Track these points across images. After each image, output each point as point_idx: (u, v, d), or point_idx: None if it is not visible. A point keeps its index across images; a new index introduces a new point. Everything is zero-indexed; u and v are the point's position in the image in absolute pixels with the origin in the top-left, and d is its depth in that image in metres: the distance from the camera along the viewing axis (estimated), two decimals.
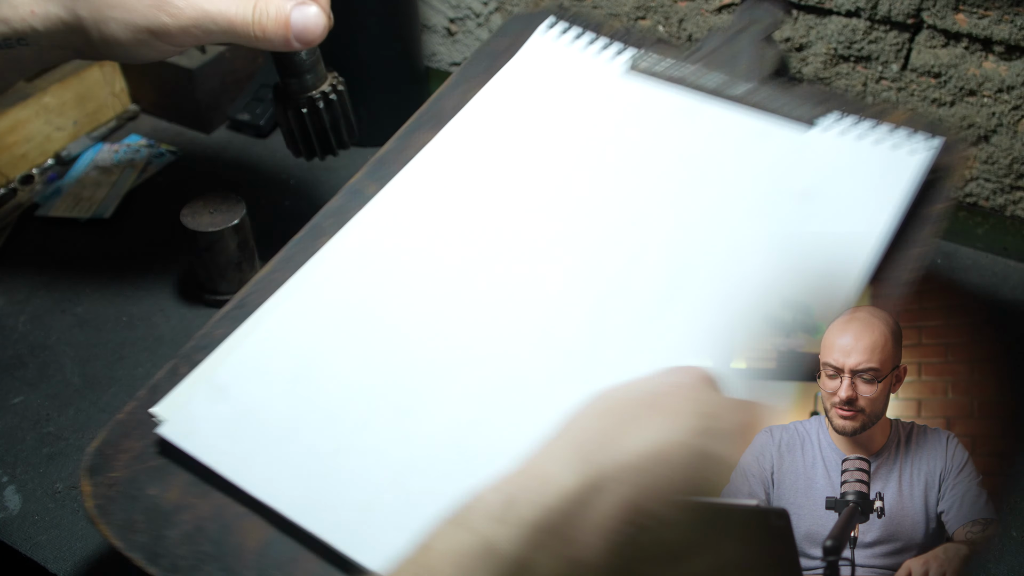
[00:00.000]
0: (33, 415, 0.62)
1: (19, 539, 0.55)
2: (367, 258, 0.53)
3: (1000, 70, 0.69)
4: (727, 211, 0.53)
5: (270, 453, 0.46)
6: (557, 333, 0.49)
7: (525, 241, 0.53)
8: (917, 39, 0.71)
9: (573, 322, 0.49)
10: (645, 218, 0.54)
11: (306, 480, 0.45)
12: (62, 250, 0.76)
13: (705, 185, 0.55)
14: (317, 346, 0.49)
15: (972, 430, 0.60)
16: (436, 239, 0.53)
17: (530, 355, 0.48)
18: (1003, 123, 0.71)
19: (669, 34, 0.81)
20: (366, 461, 0.45)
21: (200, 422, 0.47)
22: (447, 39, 0.93)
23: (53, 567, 0.54)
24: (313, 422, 0.47)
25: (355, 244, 0.53)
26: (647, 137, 0.58)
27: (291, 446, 0.46)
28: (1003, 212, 0.76)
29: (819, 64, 0.76)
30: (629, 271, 0.51)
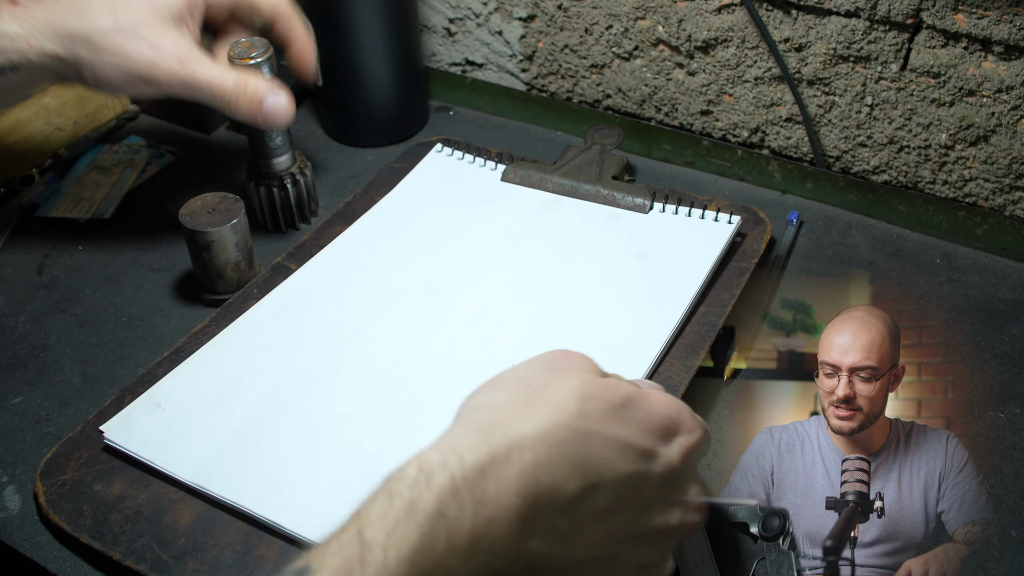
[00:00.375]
0: (33, 415, 0.62)
1: (19, 539, 0.55)
2: (283, 317, 0.67)
3: (999, 70, 0.69)
4: (584, 273, 0.69)
5: (197, 448, 0.57)
6: (436, 381, 0.62)
7: (415, 311, 0.67)
8: (916, 39, 0.71)
9: (464, 360, 0.63)
10: (520, 283, 0.69)
11: (228, 465, 0.56)
12: (62, 250, 0.76)
13: (567, 254, 0.71)
14: (238, 373, 0.62)
15: (972, 430, 0.60)
16: (339, 306, 0.67)
17: (409, 400, 0.61)
18: (1002, 123, 0.71)
19: (668, 34, 0.81)
20: (279, 447, 0.57)
21: (139, 428, 0.58)
22: (447, 39, 0.93)
23: (53, 567, 0.54)
24: (233, 423, 0.59)
25: (274, 307, 0.67)
26: (519, 223, 0.74)
27: (215, 442, 0.58)
28: (1002, 212, 0.76)
29: (818, 64, 0.76)
30: (505, 326, 0.65)
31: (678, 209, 0.73)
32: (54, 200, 0.80)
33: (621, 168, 0.78)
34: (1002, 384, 0.63)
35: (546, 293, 0.68)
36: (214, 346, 0.64)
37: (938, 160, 0.76)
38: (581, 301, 0.67)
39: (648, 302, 0.66)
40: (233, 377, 0.62)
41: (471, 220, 0.75)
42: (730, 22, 0.77)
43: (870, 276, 0.72)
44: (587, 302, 0.67)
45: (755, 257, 0.70)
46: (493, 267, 0.70)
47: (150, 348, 0.67)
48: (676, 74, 0.83)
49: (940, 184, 0.77)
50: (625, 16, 0.82)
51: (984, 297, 0.70)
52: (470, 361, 0.62)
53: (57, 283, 0.73)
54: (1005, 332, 0.67)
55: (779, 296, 0.70)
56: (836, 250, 0.75)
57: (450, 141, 0.83)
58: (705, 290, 0.67)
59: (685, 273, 0.68)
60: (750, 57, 0.78)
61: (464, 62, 0.94)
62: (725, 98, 0.82)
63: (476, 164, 0.81)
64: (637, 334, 0.63)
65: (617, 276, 0.68)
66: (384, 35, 0.82)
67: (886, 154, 0.78)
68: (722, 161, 0.82)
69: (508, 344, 0.64)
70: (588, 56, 0.87)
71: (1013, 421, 0.61)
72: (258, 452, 0.57)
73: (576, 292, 0.67)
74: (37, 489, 0.56)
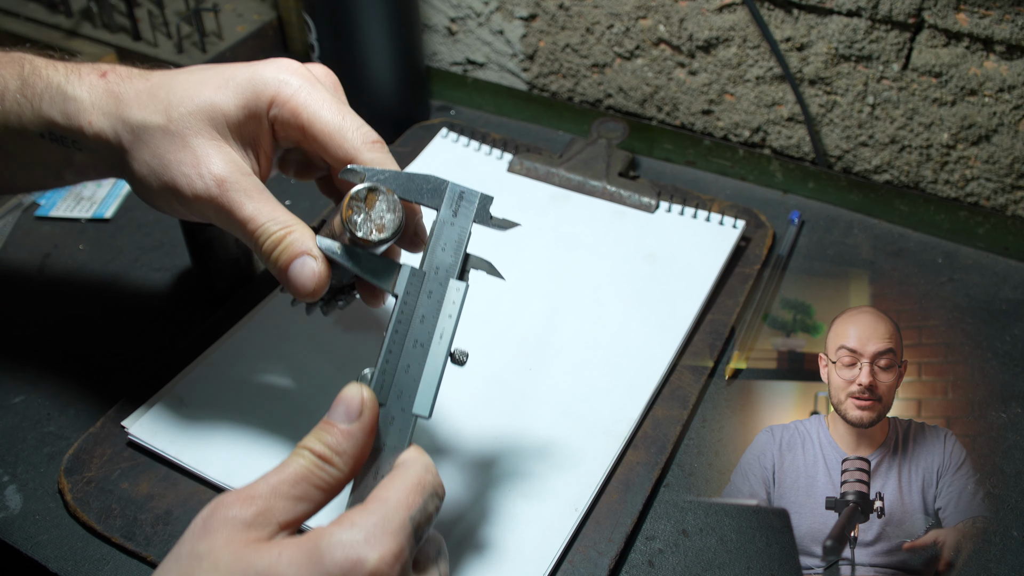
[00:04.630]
0: (34, 415, 0.62)
1: (20, 539, 0.55)
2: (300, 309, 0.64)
3: (1001, 69, 0.69)
4: (593, 272, 0.70)
5: (223, 445, 0.57)
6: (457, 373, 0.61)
7: None
8: (918, 39, 0.71)
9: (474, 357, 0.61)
10: (530, 281, 0.69)
11: (256, 464, 0.55)
12: (63, 249, 0.76)
13: (575, 252, 0.71)
14: (259, 368, 0.62)
15: (973, 430, 0.60)
16: None
17: None
18: (1004, 123, 0.71)
19: (670, 34, 0.81)
20: None
21: (163, 425, 0.58)
22: (448, 38, 0.93)
23: (54, 567, 0.54)
24: (256, 419, 0.58)
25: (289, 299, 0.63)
26: (527, 218, 0.71)
27: (240, 439, 0.57)
28: (1004, 212, 0.75)
29: (820, 64, 0.76)
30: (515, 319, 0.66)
31: (683, 210, 0.74)
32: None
33: (627, 164, 0.79)
34: (1004, 384, 0.63)
35: (556, 293, 0.68)
36: (233, 340, 0.64)
37: (940, 160, 0.76)
38: (591, 303, 0.67)
39: (657, 306, 0.66)
40: (254, 372, 0.62)
41: None
42: (731, 21, 0.77)
43: (871, 276, 0.72)
44: (597, 305, 0.67)
45: (757, 263, 0.71)
46: (502, 264, 0.70)
47: (151, 347, 0.67)
48: (677, 73, 0.83)
49: (942, 184, 0.77)
50: (626, 15, 0.82)
51: (986, 297, 0.70)
52: (484, 363, 0.62)
53: (58, 282, 0.73)
54: (1007, 332, 0.67)
55: (780, 296, 0.70)
56: (837, 250, 0.74)
57: (454, 126, 0.84)
58: (710, 295, 0.68)
59: (692, 278, 0.68)
60: (751, 56, 0.78)
61: (465, 61, 0.94)
62: (726, 97, 0.82)
63: (482, 152, 0.81)
64: (648, 341, 0.64)
65: (626, 278, 0.69)
66: (385, 34, 0.82)
67: (888, 154, 0.78)
68: (723, 161, 0.82)
69: (517, 344, 0.64)
70: (589, 55, 0.87)
71: (1015, 421, 0.60)
72: (284, 450, 0.56)
73: (586, 294, 0.68)
74: (62, 486, 0.56)
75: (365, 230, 0.46)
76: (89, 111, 0.51)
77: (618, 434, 0.58)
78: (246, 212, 0.49)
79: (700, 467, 0.59)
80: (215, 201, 0.49)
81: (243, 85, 0.50)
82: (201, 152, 0.49)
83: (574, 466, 0.56)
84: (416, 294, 0.46)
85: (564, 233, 0.73)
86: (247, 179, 0.49)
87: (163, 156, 0.49)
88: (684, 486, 0.58)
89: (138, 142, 0.50)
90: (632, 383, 0.61)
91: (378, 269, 0.47)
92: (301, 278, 0.48)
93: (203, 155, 0.49)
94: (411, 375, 0.45)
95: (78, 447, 0.58)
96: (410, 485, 0.41)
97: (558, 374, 0.62)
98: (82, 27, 0.92)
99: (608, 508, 0.55)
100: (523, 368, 0.63)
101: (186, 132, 0.49)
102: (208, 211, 0.50)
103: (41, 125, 0.52)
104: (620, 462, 0.57)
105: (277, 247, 0.48)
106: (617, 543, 0.53)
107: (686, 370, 0.63)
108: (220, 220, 0.50)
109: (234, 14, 0.94)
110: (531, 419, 0.59)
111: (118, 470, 0.57)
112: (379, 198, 0.46)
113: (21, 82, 0.53)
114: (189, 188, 0.49)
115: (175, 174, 0.49)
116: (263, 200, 0.49)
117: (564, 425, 0.59)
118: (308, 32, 0.82)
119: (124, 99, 0.51)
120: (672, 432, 0.59)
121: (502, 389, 0.61)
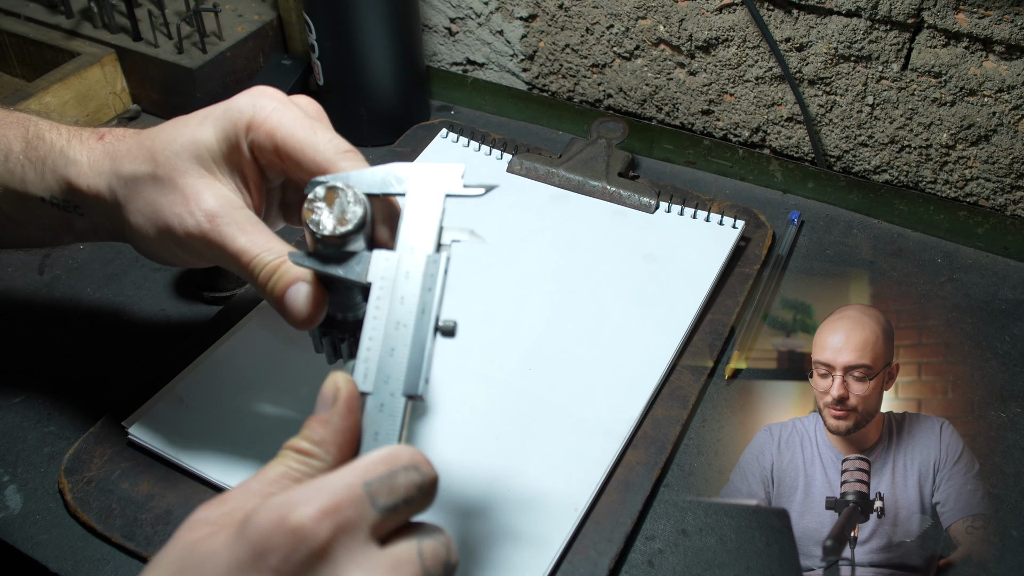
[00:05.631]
0: (34, 414, 0.62)
1: (20, 538, 0.55)
2: None
3: (1000, 70, 0.69)
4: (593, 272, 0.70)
5: (223, 446, 0.57)
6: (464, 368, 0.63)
7: None
8: (917, 39, 0.71)
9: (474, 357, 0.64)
10: (530, 282, 0.69)
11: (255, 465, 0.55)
12: (63, 249, 0.76)
13: (575, 252, 0.71)
14: (258, 368, 0.62)
15: (973, 430, 0.60)
16: None
17: None
18: (1003, 123, 0.71)
19: (669, 34, 0.81)
20: None
21: (163, 425, 0.59)
22: (448, 39, 0.93)
23: (54, 566, 0.54)
24: (256, 420, 0.59)
25: None
26: (527, 217, 0.74)
27: (240, 440, 0.58)
28: (1003, 212, 0.75)
29: (819, 64, 0.76)
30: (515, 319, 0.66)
31: (683, 210, 0.74)
32: None
33: (627, 164, 0.79)
34: (1003, 384, 0.63)
35: (556, 293, 0.68)
36: (233, 341, 0.64)
37: (939, 160, 0.76)
38: (591, 303, 0.67)
39: (657, 307, 0.66)
40: (254, 372, 0.62)
41: (478, 212, 0.73)
42: (731, 21, 0.77)
43: (871, 276, 0.72)
44: (597, 305, 0.67)
45: (757, 263, 0.71)
46: (503, 264, 0.71)
47: (152, 347, 0.67)
48: (677, 74, 0.83)
49: (941, 184, 0.77)
50: (626, 16, 0.82)
51: (985, 297, 0.70)
52: (484, 363, 0.63)
53: (58, 282, 0.73)
54: (1006, 332, 0.67)
55: (780, 296, 0.70)
56: (837, 250, 0.75)
57: (454, 126, 0.84)
58: (710, 295, 0.68)
59: (692, 278, 0.68)
60: (751, 57, 0.78)
61: (465, 62, 0.94)
62: (726, 98, 0.82)
63: (482, 152, 0.81)
64: (648, 341, 0.64)
65: (626, 278, 0.69)
66: (385, 34, 0.82)
67: (887, 154, 0.78)
68: (723, 161, 0.82)
69: (517, 344, 0.64)
70: (589, 55, 0.87)
71: (1014, 420, 0.60)
72: None
73: (586, 294, 0.68)
74: (62, 486, 0.57)
75: (329, 227, 0.45)
76: (88, 174, 0.51)
77: (618, 434, 0.58)
78: (239, 245, 0.48)
79: (700, 467, 0.59)
80: (207, 237, 0.48)
81: (221, 117, 0.50)
82: (190, 191, 0.49)
83: (574, 466, 0.56)
84: (392, 278, 0.45)
85: (564, 233, 0.73)
86: (238, 212, 0.49)
87: (155, 202, 0.49)
88: (684, 486, 0.58)
89: (132, 194, 0.50)
90: (632, 383, 0.61)
91: (349, 264, 0.45)
92: (296, 304, 0.47)
93: (192, 193, 0.49)
94: (396, 358, 0.43)
95: (78, 447, 0.59)
96: (373, 456, 0.39)
97: (558, 374, 0.62)
98: (82, 27, 0.92)
99: (608, 508, 0.55)
100: (523, 368, 0.63)
101: (174, 174, 0.49)
102: (203, 248, 0.49)
103: (44, 189, 0.53)
104: (620, 462, 0.57)
105: (272, 277, 0.47)
106: (617, 543, 0.53)
107: (686, 370, 0.63)
108: (215, 256, 0.49)
109: (234, 14, 0.94)
110: (531, 419, 0.59)
111: (118, 470, 0.57)
112: (339, 195, 0.45)
113: (25, 144, 0.53)
114: (181, 227, 0.48)
115: (167, 216, 0.49)
116: (256, 232, 0.49)
117: (564, 425, 0.59)
118: (308, 32, 0.83)
119: (117, 156, 0.51)
120: (672, 432, 0.59)
121: (502, 389, 0.61)
